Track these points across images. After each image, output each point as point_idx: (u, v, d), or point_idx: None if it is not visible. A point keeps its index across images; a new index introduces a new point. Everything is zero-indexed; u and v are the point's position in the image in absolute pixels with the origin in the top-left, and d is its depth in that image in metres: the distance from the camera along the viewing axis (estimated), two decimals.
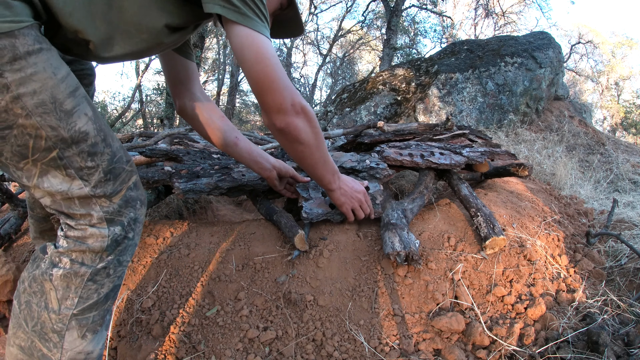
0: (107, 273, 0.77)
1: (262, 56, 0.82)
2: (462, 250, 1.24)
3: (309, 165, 1.05)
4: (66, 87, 0.68)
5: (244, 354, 1.00)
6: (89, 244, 0.74)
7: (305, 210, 1.26)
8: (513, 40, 5.25)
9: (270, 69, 0.83)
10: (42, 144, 0.67)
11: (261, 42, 0.81)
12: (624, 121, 13.37)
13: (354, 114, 5.05)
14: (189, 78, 1.13)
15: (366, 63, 17.03)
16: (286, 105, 0.88)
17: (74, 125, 0.69)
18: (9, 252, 1.35)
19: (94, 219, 0.74)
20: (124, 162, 0.77)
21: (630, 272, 1.41)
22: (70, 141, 0.69)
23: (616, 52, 15.23)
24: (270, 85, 0.85)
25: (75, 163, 0.70)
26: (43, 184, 0.70)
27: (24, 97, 0.64)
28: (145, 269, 1.23)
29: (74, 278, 0.74)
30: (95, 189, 0.73)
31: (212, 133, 1.17)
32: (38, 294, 0.75)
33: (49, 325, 0.74)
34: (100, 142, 0.72)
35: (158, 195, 1.62)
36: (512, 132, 4.26)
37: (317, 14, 13.71)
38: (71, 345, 0.76)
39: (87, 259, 0.75)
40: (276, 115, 0.89)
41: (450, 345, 1.03)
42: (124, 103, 12.39)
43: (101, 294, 0.77)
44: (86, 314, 0.76)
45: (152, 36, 0.81)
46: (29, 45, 0.64)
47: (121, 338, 1.08)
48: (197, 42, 6.11)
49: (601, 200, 2.58)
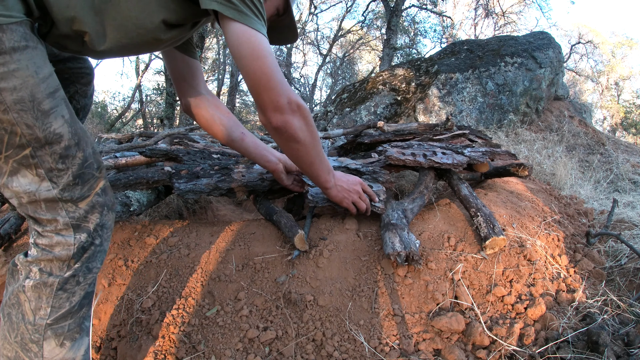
0: (77, 281, 0.78)
1: (258, 53, 0.81)
2: (462, 250, 1.24)
3: (305, 163, 1.05)
4: (46, 87, 0.69)
5: (244, 354, 1.00)
6: (56, 253, 0.75)
7: (310, 194, 1.26)
8: (513, 40, 5.25)
9: (267, 67, 0.83)
10: (16, 141, 0.68)
11: (258, 39, 0.81)
12: (624, 121, 13.37)
13: (354, 114, 5.05)
14: (193, 76, 1.13)
15: (366, 63, 17.03)
16: (282, 103, 0.88)
17: (49, 126, 0.69)
18: (9, 252, 1.35)
19: (59, 224, 0.74)
20: (94, 169, 0.78)
21: (630, 272, 1.41)
22: (44, 141, 0.69)
23: (616, 52, 15.24)
24: (267, 83, 0.84)
25: (47, 164, 0.71)
26: (12, 183, 0.71)
27: (4, 92, 0.64)
28: (145, 269, 1.23)
29: (43, 288, 0.75)
30: (63, 192, 0.73)
31: (218, 129, 1.17)
32: (15, 306, 0.76)
33: (27, 336, 0.76)
34: (73, 146, 0.73)
35: (158, 195, 1.62)
36: (512, 132, 4.26)
37: (317, 14, 13.71)
38: (51, 354, 0.77)
39: (54, 268, 0.76)
40: (272, 114, 0.89)
41: (450, 345, 1.03)
42: (124, 103, 12.40)
43: (73, 302, 0.78)
44: (61, 323, 0.77)
45: (148, 31, 0.80)
46: (15, 41, 0.64)
47: (121, 338, 1.08)
48: (197, 42, 6.10)
49: (601, 200, 2.58)
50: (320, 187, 1.16)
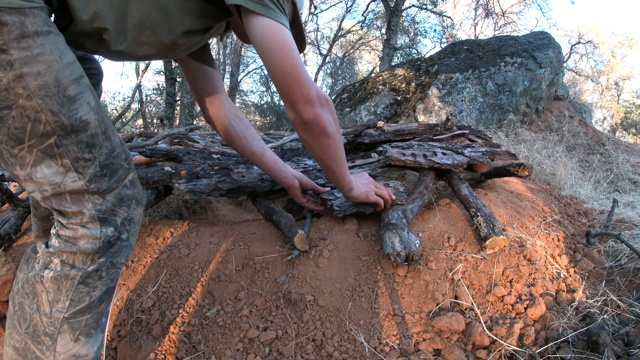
0: (100, 275, 0.75)
1: (287, 47, 0.80)
2: (462, 250, 1.24)
3: (334, 160, 1.01)
4: (71, 73, 0.67)
5: (244, 354, 1.00)
6: (80, 246, 0.72)
7: (336, 205, 1.26)
8: (513, 40, 5.26)
9: (295, 61, 0.81)
10: (40, 129, 0.65)
11: (285, 34, 0.80)
12: (624, 121, 13.38)
13: (354, 114, 5.05)
14: (214, 87, 1.12)
15: (366, 63, 17.04)
16: (313, 96, 0.86)
17: (75, 112, 0.67)
18: (9, 252, 1.35)
19: (85, 217, 0.71)
20: (122, 159, 0.75)
21: (630, 272, 1.41)
22: (70, 129, 0.67)
23: (616, 52, 15.24)
24: (298, 76, 0.82)
25: (72, 153, 0.68)
26: (36, 173, 0.68)
27: (27, 77, 0.62)
28: (145, 269, 1.23)
29: (64, 281, 0.72)
30: (90, 184, 0.70)
31: (240, 142, 1.17)
32: (30, 296, 0.73)
33: (41, 328, 0.72)
34: (100, 134, 0.70)
35: (158, 195, 1.62)
36: (512, 132, 4.26)
37: (317, 14, 13.71)
38: (64, 349, 0.74)
39: (77, 261, 0.72)
40: (304, 107, 0.86)
41: (450, 345, 1.03)
42: (124, 103, 12.39)
43: (94, 297, 0.75)
44: (78, 317, 0.74)
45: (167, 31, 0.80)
46: (38, 25, 0.62)
47: (121, 338, 1.08)
48: None
49: (601, 200, 2.58)
50: (344, 188, 1.13)
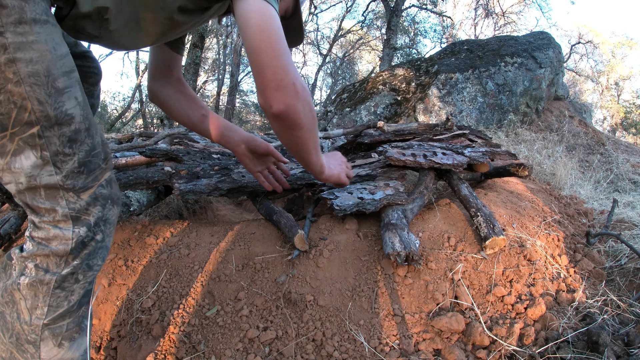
0: (76, 279, 0.73)
1: (267, 25, 0.74)
2: (462, 250, 1.24)
3: (305, 151, 0.95)
4: (63, 65, 0.67)
5: (244, 354, 1.00)
6: (52, 247, 0.71)
7: (336, 204, 1.27)
8: (513, 40, 5.26)
9: (275, 40, 0.75)
10: (25, 117, 0.65)
11: (268, 11, 0.75)
12: (624, 121, 13.38)
13: (354, 114, 5.05)
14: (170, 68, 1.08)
15: (366, 63, 17.03)
16: (287, 82, 0.77)
17: (62, 105, 0.67)
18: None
19: (58, 215, 0.70)
20: (101, 159, 0.74)
21: (630, 272, 1.41)
22: (54, 121, 0.66)
23: (616, 52, 15.24)
24: (273, 58, 0.75)
25: (53, 146, 0.67)
26: (15, 163, 0.67)
27: (19, 62, 0.62)
28: (145, 269, 1.23)
29: (40, 286, 0.71)
30: (66, 179, 0.69)
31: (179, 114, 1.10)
32: (10, 304, 0.72)
33: (24, 336, 0.72)
34: (83, 131, 0.70)
35: (158, 195, 1.62)
36: (512, 132, 4.26)
37: (317, 14, 13.71)
38: (48, 355, 0.73)
39: (51, 264, 0.71)
40: (274, 94, 0.77)
41: (450, 345, 1.03)
42: (124, 103, 12.38)
43: (72, 302, 0.74)
44: (59, 323, 0.73)
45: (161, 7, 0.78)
46: (37, 13, 0.63)
47: (121, 338, 1.08)
48: (197, 42, 6.11)
49: (601, 200, 2.58)
50: (316, 173, 1.05)
